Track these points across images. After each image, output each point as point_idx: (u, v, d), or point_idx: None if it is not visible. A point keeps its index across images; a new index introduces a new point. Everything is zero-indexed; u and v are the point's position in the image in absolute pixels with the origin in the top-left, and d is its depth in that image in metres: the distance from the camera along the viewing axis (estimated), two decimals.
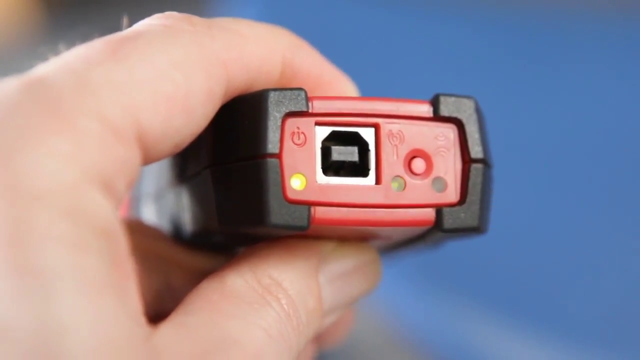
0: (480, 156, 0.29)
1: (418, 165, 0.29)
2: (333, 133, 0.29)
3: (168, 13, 0.29)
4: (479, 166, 0.29)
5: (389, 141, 0.29)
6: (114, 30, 0.28)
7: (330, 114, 0.29)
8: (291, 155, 0.28)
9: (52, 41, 0.30)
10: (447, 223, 0.29)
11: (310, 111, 0.29)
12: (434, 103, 0.30)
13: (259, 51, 0.30)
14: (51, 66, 0.26)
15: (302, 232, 0.28)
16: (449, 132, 0.30)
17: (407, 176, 0.29)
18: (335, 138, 0.29)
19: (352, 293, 0.31)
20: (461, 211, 0.29)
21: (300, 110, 0.28)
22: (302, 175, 0.28)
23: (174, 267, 0.34)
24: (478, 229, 0.29)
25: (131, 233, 0.26)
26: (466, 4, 0.77)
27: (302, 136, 0.29)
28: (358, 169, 0.29)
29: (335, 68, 0.32)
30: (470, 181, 0.29)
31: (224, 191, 0.29)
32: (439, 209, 0.29)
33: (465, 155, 0.30)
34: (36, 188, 0.24)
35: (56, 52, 0.27)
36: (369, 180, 0.29)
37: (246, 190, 0.28)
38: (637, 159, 0.70)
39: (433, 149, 0.29)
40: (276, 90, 0.28)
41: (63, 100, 0.25)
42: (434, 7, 0.78)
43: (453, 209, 0.29)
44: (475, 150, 0.29)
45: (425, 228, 0.29)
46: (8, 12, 1.19)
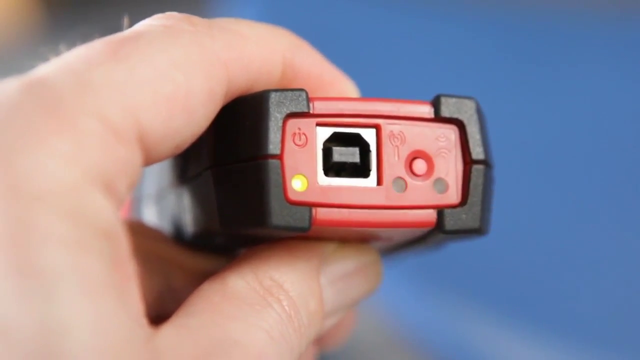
0: (481, 157, 0.29)
1: (419, 166, 0.29)
2: (334, 134, 0.29)
3: (168, 13, 0.29)
4: (480, 167, 0.29)
5: (390, 142, 0.29)
6: (114, 30, 0.28)
7: (331, 115, 0.29)
8: (292, 156, 0.28)
9: (53, 41, 0.30)
10: (449, 224, 0.29)
11: (311, 112, 0.29)
12: (435, 104, 0.29)
13: (260, 52, 0.30)
14: (52, 66, 0.26)
15: (303, 234, 0.28)
16: (450, 133, 0.30)
17: (408, 177, 0.29)
18: (336, 139, 0.29)
19: (354, 294, 0.31)
20: (462, 212, 0.29)
21: (301, 111, 0.28)
22: (303, 176, 0.28)
23: (175, 269, 0.34)
24: (479, 231, 0.29)
25: (132, 234, 0.26)
26: (466, 4, 0.77)
27: (303, 137, 0.28)
28: (359, 170, 0.29)
29: (335, 68, 0.32)
30: (471, 182, 0.29)
31: (225, 192, 0.29)
32: (440, 210, 0.29)
33: (466, 156, 0.29)
34: (37, 189, 0.24)
35: (56, 53, 0.27)
36: (370, 181, 0.29)
37: (247, 191, 0.28)
38: (638, 159, 0.70)
39: (434, 150, 0.29)
40: (277, 91, 0.28)
41: (63, 100, 0.25)
42: (435, 7, 0.78)
43: (454, 210, 0.29)
44: (476, 151, 0.29)
45: (426, 229, 0.29)
46: (8, 12, 1.19)
